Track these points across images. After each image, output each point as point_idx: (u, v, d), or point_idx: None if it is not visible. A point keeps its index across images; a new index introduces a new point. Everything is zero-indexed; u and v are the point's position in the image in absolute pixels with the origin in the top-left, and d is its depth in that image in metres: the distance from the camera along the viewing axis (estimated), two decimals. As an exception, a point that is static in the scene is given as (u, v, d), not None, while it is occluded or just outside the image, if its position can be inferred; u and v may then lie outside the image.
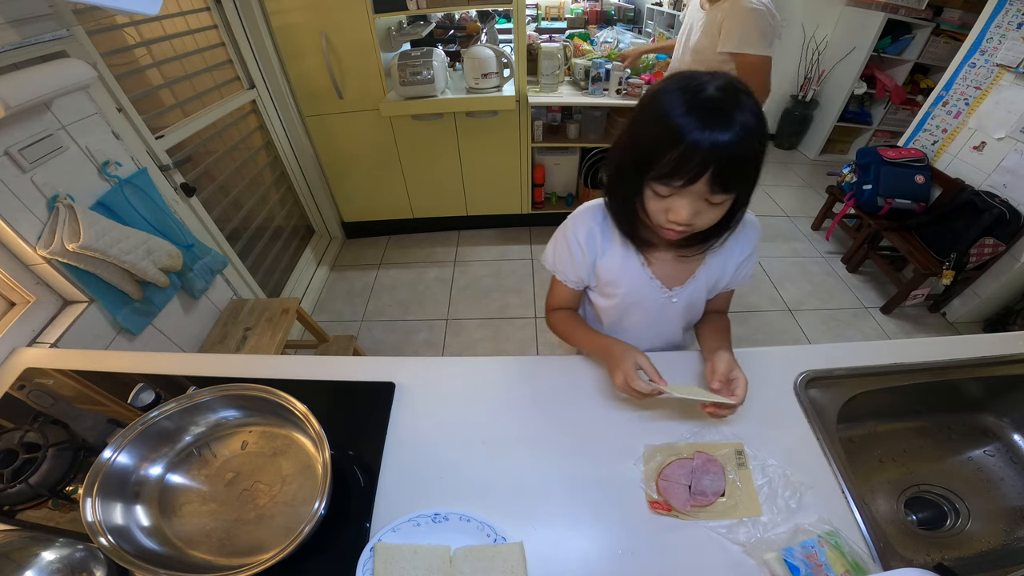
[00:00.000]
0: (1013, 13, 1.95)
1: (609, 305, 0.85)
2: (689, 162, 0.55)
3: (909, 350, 0.86)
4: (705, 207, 0.61)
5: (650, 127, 0.60)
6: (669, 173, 0.58)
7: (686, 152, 0.55)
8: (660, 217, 0.64)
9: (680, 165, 0.56)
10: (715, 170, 0.56)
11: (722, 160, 0.55)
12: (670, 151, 0.56)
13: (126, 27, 1.41)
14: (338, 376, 0.85)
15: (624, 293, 0.81)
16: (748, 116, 0.55)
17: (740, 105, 0.55)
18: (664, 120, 0.57)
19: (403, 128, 2.27)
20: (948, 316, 2.28)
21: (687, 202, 0.60)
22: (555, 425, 0.76)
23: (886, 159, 2.28)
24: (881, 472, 0.85)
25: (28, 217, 0.98)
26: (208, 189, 1.74)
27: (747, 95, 0.57)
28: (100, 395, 0.85)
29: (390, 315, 2.28)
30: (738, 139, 0.54)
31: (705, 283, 0.80)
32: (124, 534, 0.58)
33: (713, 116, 0.54)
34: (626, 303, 0.83)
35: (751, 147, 0.56)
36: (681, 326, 0.90)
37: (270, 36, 1.97)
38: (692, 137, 0.54)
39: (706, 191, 0.58)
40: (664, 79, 0.62)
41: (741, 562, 0.60)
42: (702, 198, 0.60)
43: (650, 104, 0.60)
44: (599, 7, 2.93)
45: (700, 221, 0.63)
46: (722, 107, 0.55)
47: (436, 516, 0.63)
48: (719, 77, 0.57)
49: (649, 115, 0.60)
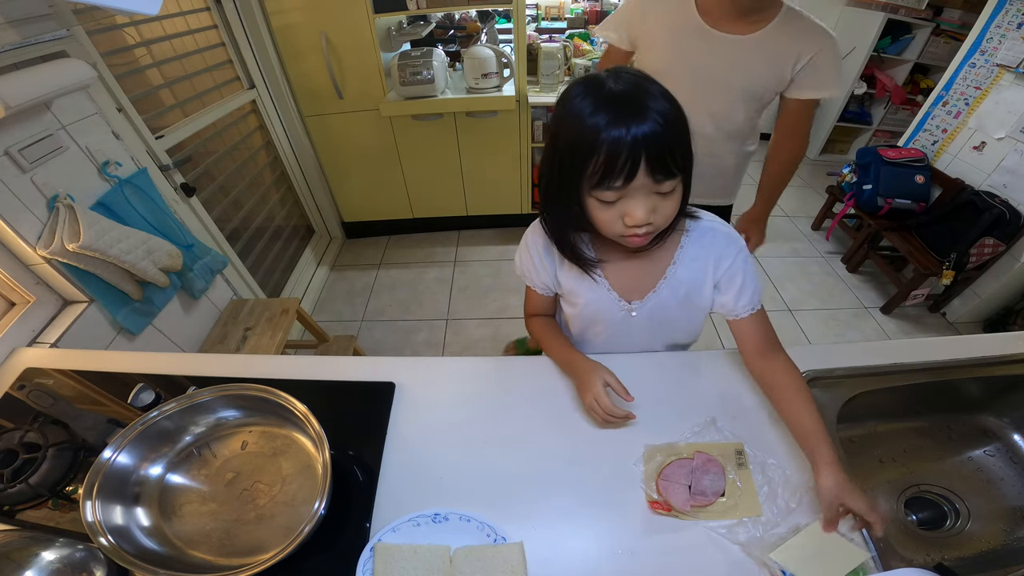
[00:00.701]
0: (1013, 13, 1.95)
1: (573, 314, 0.83)
2: (618, 158, 0.54)
3: (909, 350, 0.86)
4: (659, 200, 0.59)
5: (570, 136, 0.58)
6: (603, 176, 0.56)
7: (611, 150, 0.54)
8: (617, 226, 0.61)
9: (610, 165, 0.55)
10: (648, 161, 0.54)
11: (651, 148, 0.54)
12: (596, 154, 0.55)
13: (126, 27, 1.41)
14: (338, 376, 0.85)
15: (583, 303, 0.79)
16: (661, 102, 0.55)
17: (648, 92, 0.55)
18: (580, 124, 0.55)
19: (403, 128, 2.27)
20: (948, 316, 2.28)
21: (638, 201, 0.58)
22: (555, 425, 0.76)
23: (886, 159, 2.28)
24: (881, 472, 0.85)
25: (28, 217, 0.98)
26: (208, 189, 1.74)
27: (650, 81, 0.57)
28: (100, 395, 0.85)
29: (390, 315, 2.28)
30: (659, 126, 0.53)
31: (672, 297, 0.75)
32: (124, 534, 0.58)
33: (625, 109, 0.53)
34: (586, 313, 0.81)
35: (676, 130, 0.55)
36: (657, 343, 0.87)
37: (270, 36, 1.97)
38: (611, 135, 0.53)
39: (650, 183, 0.56)
40: (568, 87, 0.60)
41: (741, 562, 0.60)
42: (651, 192, 0.58)
43: (564, 115, 0.58)
44: (599, 7, 2.93)
45: (658, 218, 0.61)
46: (631, 97, 0.54)
47: (436, 516, 0.63)
48: (619, 71, 0.57)
49: (566, 125, 0.58)
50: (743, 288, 0.74)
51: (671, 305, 0.77)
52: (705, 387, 0.81)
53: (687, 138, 0.58)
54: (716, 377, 0.83)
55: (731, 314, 0.76)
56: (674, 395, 0.79)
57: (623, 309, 0.78)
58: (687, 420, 0.75)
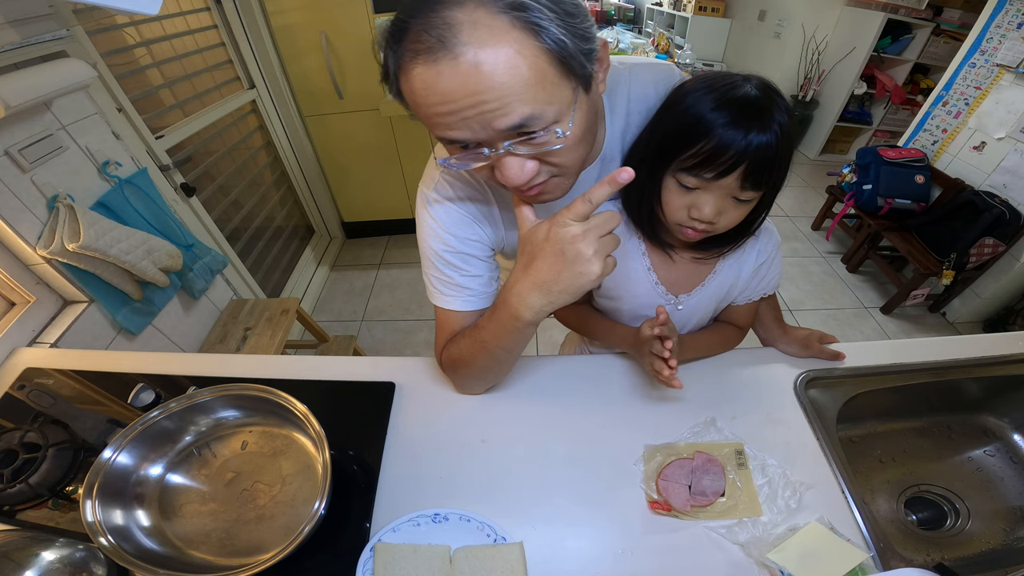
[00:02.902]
0: (1013, 13, 1.95)
1: (610, 308, 0.82)
2: (723, 155, 0.53)
3: (909, 350, 0.86)
4: (730, 205, 0.59)
5: (680, 120, 0.57)
6: (700, 164, 0.55)
7: (720, 145, 0.53)
8: (680, 214, 0.61)
9: (713, 157, 0.54)
10: (748, 167, 0.54)
11: (757, 157, 0.53)
12: (702, 141, 0.54)
13: (126, 27, 1.41)
14: (338, 376, 0.85)
15: (626, 297, 0.78)
16: (784, 117, 0.54)
17: (778, 106, 0.54)
18: (695, 113, 0.55)
19: (403, 128, 2.27)
20: (948, 316, 2.28)
21: (713, 198, 0.58)
22: (555, 425, 0.76)
23: (886, 159, 2.28)
24: (881, 472, 0.85)
25: (28, 217, 0.98)
26: (208, 189, 1.74)
27: (782, 96, 0.56)
28: (100, 395, 0.85)
29: (390, 315, 2.28)
30: (776, 140, 0.53)
31: (715, 292, 0.76)
32: (124, 534, 0.58)
33: (752, 114, 0.53)
34: (625, 308, 0.80)
35: (786, 146, 0.55)
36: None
37: (270, 36, 1.98)
38: (728, 132, 0.53)
39: (735, 187, 0.56)
40: (692, 80, 0.60)
41: (741, 562, 0.60)
42: (729, 195, 0.57)
43: (680, 100, 0.58)
44: (599, 7, 2.93)
45: (722, 221, 0.60)
46: (762, 106, 0.54)
47: (436, 516, 0.63)
48: (754, 79, 0.56)
49: (678, 109, 0.58)
50: (770, 279, 0.77)
51: (711, 299, 0.77)
52: (705, 387, 0.81)
53: (790, 155, 0.57)
54: (716, 377, 0.83)
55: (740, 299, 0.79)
56: (674, 395, 0.79)
57: (669, 303, 0.76)
58: (687, 420, 0.75)
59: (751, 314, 0.83)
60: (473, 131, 0.45)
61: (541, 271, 0.53)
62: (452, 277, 0.69)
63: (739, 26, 4.18)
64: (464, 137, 0.47)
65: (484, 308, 0.70)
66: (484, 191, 0.67)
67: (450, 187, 0.67)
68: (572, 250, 0.50)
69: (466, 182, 0.67)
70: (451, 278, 0.69)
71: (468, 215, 0.68)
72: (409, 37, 0.43)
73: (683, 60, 3.81)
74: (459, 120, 0.45)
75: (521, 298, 0.55)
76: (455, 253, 0.68)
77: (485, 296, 0.71)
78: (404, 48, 0.44)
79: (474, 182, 0.67)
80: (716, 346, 0.84)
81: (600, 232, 0.50)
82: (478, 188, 0.67)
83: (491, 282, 0.72)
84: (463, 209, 0.67)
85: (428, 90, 0.43)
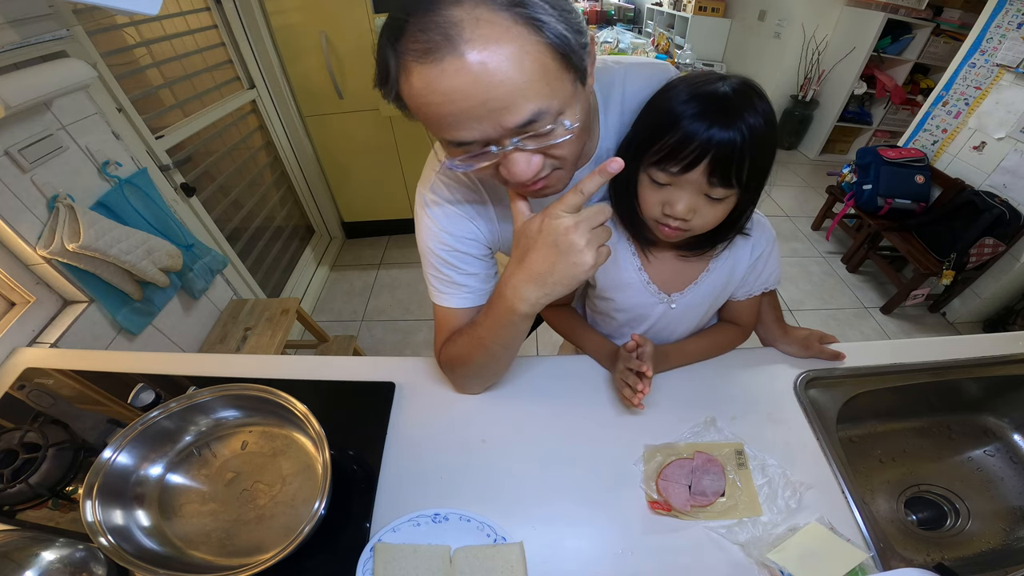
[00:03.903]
0: (1013, 13, 1.95)
1: (606, 308, 0.82)
2: (685, 148, 0.54)
3: (909, 350, 0.86)
4: (704, 204, 0.59)
5: (652, 115, 0.59)
6: (665, 157, 0.56)
7: (683, 138, 0.54)
8: (655, 210, 0.61)
9: (676, 150, 0.54)
10: (712, 162, 0.54)
11: (721, 153, 0.53)
12: (668, 134, 0.55)
13: (126, 27, 1.41)
14: (338, 376, 0.85)
15: (619, 296, 0.78)
16: (757, 119, 0.53)
17: (752, 107, 0.54)
18: (666, 107, 0.56)
19: (403, 128, 2.27)
20: (948, 316, 2.28)
21: (684, 195, 0.58)
22: (555, 425, 0.76)
23: (886, 159, 2.29)
24: (881, 472, 0.85)
25: (28, 217, 0.98)
26: (208, 189, 1.74)
27: (762, 99, 0.55)
28: (100, 395, 0.85)
29: (390, 315, 2.28)
30: (740, 138, 0.53)
31: (710, 291, 0.76)
32: (124, 534, 0.58)
33: (717, 109, 0.53)
34: (618, 307, 0.80)
35: (755, 148, 0.54)
36: (684, 333, 0.86)
37: (270, 36, 1.98)
38: (691, 125, 0.53)
39: (704, 184, 0.56)
40: (682, 76, 0.61)
41: (740, 562, 0.60)
42: (701, 193, 0.57)
43: (658, 96, 0.59)
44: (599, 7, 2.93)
45: (697, 220, 0.60)
46: (731, 104, 0.54)
47: (436, 516, 0.63)
48: (734, 78, 0.56)
49: (654, 104, 0.59)
50: (768, 275, 0.77)
51: (706, 298, 0.77)
52: (705, 387, 0.81)
53: (766, 158, 0.57)
54: (716, 377, 0.83)
55: (739, 294, 0.79)
56: (674, 395, 0.79)
57: (662, 302, 0.76)
58: (687, 420, 0.75)
59: (753, 311, 0.82)
60: (481, 130, 0.45)
61: (536, 263, 0.53)
62: (450, 276, 0.70)
63: (739, 26, 4.18)
64: (471, 137, 0.46)
65: (481, 305, 0.70)
66: (479, 190, 0.67)
67: (446, 188, 0.67)
68: (565, 241, 0.50)
69: (461, 182, 0.67)
70: (449, 277, 0.70)
71: (464, 214, 0.68)
72: (408, 36, 0.42)
73: (683, 60, 3.81)
74: (466, 119, 0.44)
75: (517, 291, 0.56)
76: (452, 252, 0.68)
77: (482, 293, 0.71)
78: (404, 47, 0.43)
79: (469, 181, 0.67)
80: (711, 350, 0.84)
81: (592, 223, 0.51)
82: (473, 187, 0.67)
83: (488, 280, 0.72)
84: (459, 209, 0.67)
85: (432, 90, 0.43)
